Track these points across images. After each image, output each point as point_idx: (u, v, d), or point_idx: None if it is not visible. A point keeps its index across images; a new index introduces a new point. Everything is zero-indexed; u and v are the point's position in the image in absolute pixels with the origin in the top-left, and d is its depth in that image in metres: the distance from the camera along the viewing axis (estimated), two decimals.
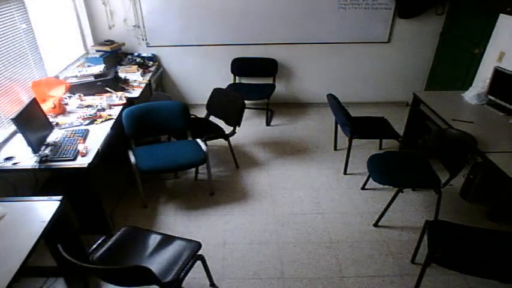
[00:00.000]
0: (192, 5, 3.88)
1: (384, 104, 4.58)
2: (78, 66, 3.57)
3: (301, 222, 2.67)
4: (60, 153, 2.23)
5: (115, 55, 3.95)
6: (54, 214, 1.72)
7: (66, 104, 2.93)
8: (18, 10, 2.71)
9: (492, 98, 2.93)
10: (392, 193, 2.59)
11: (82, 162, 2.19)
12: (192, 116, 3.22)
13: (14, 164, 2.17)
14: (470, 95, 3.00)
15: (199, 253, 1.89)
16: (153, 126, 2.93)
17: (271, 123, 4.17)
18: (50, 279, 2.22)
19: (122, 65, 3.89)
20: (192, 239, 1.96)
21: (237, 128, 3.16)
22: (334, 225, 2.64)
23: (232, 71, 4.23)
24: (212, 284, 2.19)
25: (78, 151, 2.25)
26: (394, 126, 3.24)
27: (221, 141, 3.31)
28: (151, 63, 4.02)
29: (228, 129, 3.19)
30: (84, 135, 2.47)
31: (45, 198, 1.82)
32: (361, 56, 4.26)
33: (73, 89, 3.06)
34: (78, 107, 2.90)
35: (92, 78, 3.15)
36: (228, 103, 3.18)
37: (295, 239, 2.52)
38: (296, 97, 4.57)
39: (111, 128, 2.62)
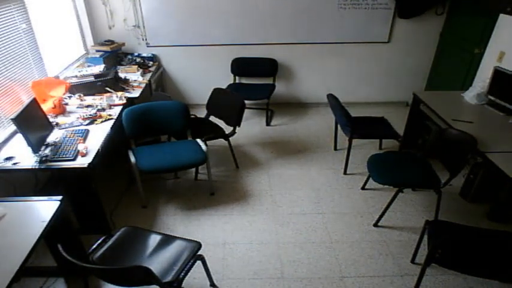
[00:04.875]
0: (192, 5, 3.88)
1: (384, 104, 4.58)
2: (78, 66, 3.57)
3: (301, 222, 2.67)
4: (60, 153, 2.23)
5: (115, 55, 3.95)
6: (54, 214, 1.72)
7: (66, 104, 2.92)
8: (18, 10, 2.71)
9: (492, 98, 2.93)
10: (392, 193, 2.59)
11: (82, 162, 2.19)
12: (192, 116, 3.23)
13: (14, 164, 2.17)
14: (470, 95, 3.00)
15: (199, 253, 1.89)
16: (153, 126, 2.93)
17: (271, 123, 4.17)
18: (50, 279, 2.22)
19: (122, 65, 3.89)
20: (192, 239, 1.96)
21: (237, 128, 3.16)
22: (334, 225, 2.64)
23: (232, 71, 4.23)
24: (212, 284, 2.19)
25: (78, 151, 2.25)
26: (394, 126, 3.24)
27: (221, 141, 3.30)
28: (151, 63, 4.02)
29: (228, 129, 3.19)
30: (84, 135, 2.47)
31: (45, 198, 1.82)
32: (361, 56, 4.26)
33: (73, 89, 3.06)
34: (78, 107, 2.90)
35: (92, 78, 3.15)
36: (228, 103, 3.18)
37: (295, 239, 2.52)
38: (296, 97, 4.57)
39: (111, 128, 2.62)
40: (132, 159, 2.66)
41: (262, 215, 2.75)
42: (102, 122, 2.68)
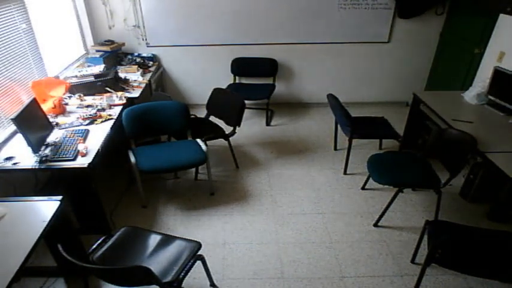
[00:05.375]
0: (192, 4, 3.88)
1: (384, 104, 4.58)
2: (78, 66, 3.57)
3: (301, 222, 2.67)
4: (60, 153, 2.23)
5: (115, 55, 3.95)
6: (54, 214, 1.72)
7: (66, 104, 2.92)
8: (18, 10, 2.71)
9: (492, 98, 2.93)
10: (392, 193, 2.59)
11: (82, 162, 2.19)
12: (192, 116, 3.23)
13: (14, 164, 2.17)
14: (470, 95, 3.00)
15: (199, 253, 1.89)
16: (153, 126, 2.93)
17: (271, 123, 4.17)
18: (50, 279, 2.22)
19: (122, 65, 3.89)
20: (192, 239, 1.96)
21: (237, 128, 3.16)
22: (334, 225, 2.64)
23: (232, 71, 4.23)
24: (212, 284, 2.19)
25: (78, 151, 2.25)
26: (394, 126, 3.24)
27: (221, 141, 3.30)
28: (151, 63, 4.02)
29: (228, 129, 3.19)
30: (84, 135, 2.47)
31: (45, 198, 1.82)
32: (361, 56, 4.26)
33: (73, 89, 3.06)
34: (78, 107, 2.90)
35: (92, 78, 3.15)
36: (228, 103, 3.18)
37: (295, 239, 2.52)
38: (296, 97, 4.57)
39: (111, 128, 2.62)
40: (132, 159, 2.66)
41: (262, 215, 2.75)
42: (102, 122, 2.68)
